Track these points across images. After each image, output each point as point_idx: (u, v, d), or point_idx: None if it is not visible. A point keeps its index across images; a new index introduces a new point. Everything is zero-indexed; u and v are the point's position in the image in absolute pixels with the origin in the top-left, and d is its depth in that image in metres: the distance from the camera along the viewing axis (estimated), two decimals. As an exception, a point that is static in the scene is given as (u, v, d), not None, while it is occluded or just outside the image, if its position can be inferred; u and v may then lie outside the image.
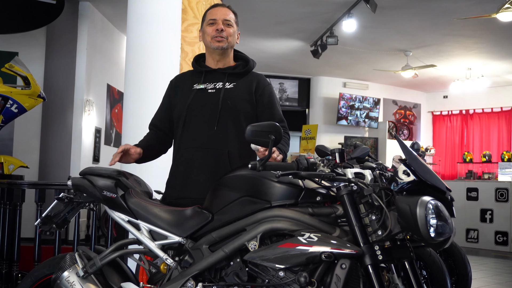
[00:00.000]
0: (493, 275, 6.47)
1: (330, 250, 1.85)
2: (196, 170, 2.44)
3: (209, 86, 2.54)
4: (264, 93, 2.56)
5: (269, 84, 2.63)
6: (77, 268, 2.19)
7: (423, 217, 1.79)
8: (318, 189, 2.04)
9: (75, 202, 2.42)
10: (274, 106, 2.57)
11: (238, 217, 2.06)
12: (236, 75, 2.57)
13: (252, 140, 1.99)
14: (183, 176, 2.47)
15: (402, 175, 1.89)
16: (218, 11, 2.58)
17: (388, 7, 7.36)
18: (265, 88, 2.58)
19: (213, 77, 2.56)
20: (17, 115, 5.46)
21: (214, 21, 2.55)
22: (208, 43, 2.57)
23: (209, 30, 2.56)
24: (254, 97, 2.54)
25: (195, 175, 2.43)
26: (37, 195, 4.12)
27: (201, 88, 2.54)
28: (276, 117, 2.53)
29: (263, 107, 2.55)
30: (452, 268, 3.92)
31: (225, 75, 2.56)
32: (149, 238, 2.20)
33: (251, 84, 2.55)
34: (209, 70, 2.59)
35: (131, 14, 4.30)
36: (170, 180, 2.56)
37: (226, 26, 2.55)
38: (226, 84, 2.53)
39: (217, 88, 2.52)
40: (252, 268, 2.01)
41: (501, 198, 8.68)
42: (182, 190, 2.45)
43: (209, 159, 2.43)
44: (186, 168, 2.47)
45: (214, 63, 2.60)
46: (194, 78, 2.60)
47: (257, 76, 2.61)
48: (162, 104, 2.68)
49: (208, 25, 2.57)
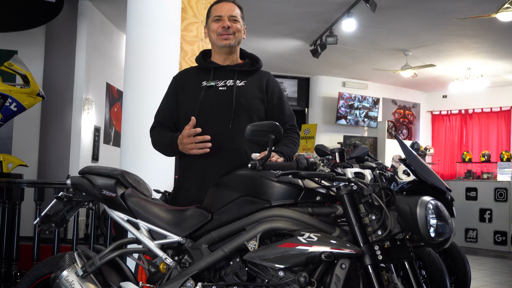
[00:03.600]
0: (492, 275, 6.47)
1: (330, 250, 1.84)
2: (214, 170, 2.32)
3: (220, 84, 2.46)
4: (274, 92, 2.53)
5: (278, 82, 2.61)
6: (76, 267, 2.18)
7: (423, 217, 1.78)
8: (317, 189, 2.03)
9: (74, 201, 2.41)
10: (284, 104, 2.54)
11: (237, 217, 2.05)
12: (245, 72, 2.51)
13: (251, 140, 1.99)
14: (199, 178, 2.37)
15: (402, 175, 1.89)
16: (223, 7, 2.51)
17: (388, 7, 7.35)
18: (275, 87, 2.55)
19: (222, 74, 2.49)
20: (16, 114, 5.45)
21: (220, 18, 2.48)
22: (214, 40, 2.49)
23: (215, 27, 2.48)
24: (265, 95, 2.50)
25: (214, 176, 2.26)
26: (36, 194, 4.12)
27: (211, 85, 2.45)
28: (287, 114, 2.52)
29: (272, 106, 2.51)
30: (451, 268, 3.92)
31: (235, 72, 2.48)
32: (148, 238, 2.19)
33: (261, 82, 2.51)
34: (218, 67, 2.50)
35: (130, 13, 4.29)
36: (183, 182, 2.44)
37: (232, 22, 2.48)
38: (237, 81, 2.46)
39: (228, 85, 2.45)
40: (252, 268, 2.00)
41: (500, 198, 8.68)
42: (199, 193, 2.33)
43: (227, 159, 2.34)
44: (203, 169, 2.37)
45: (221, 60, 2.53)
46: (201, 75, 2.50)
47: (266, 74, 2.56)
48: (166, 100, 2.57)
49: (214, 21, 2.49)
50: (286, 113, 2.54)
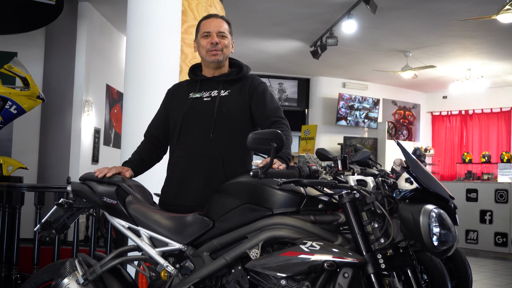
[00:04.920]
0: (493, 277, 6.46)
1: (332, 259, 1.83)
2: (190, 178, 2.43)
3: (205, 95, 2.54)
4: (257, 91, 2.53)
5: (262, 82, 2.60)
6: (77, 275, 2.17)
7: (427, 226, 1.78)
8: (320, 197, 2.02)
9: (75, 207, 2.40)
10: (265, 99, 2.52)
11: (239, 225, 2.04)
12: (230, 81, 2.56)
13: (253, 148, 1.98)
14: (178, 183, 2.46)
15: (405, 183, 1.88)
16: (212, 23, 2.58)
17: (388, 8, 7.35)
18: (257, 86, 2.55)
19: (208, 86, 2.56)
20: (16, 116, 5.43)
21: (209, 34, 2.55)
22: (203, 56, 2.57)
23: (204, 43, 2.56)
24: (248, 101, 2.52)
25: (189, 183, 2.42)
26: (36, 198, 4.10)
27: (197, 97, 2.54)
28: (269, 108, 2.49)
29: (256, 103, 2.52)
30: (452, 271, 3.91)
31: (220, 82, 2.55)
32: (149, 245, 2.19)
33: (244, 87, 2.54)
34: (204, 79, 2.59)
35: (131, 15, 4.28)
36: (164, 187, 2.55)
37: (220, 38, 2.55)
38: (221, 91, 2.52)
39: (212, 96, 2.52)
40: (254, 276, 1.99)
41: (501, 199, 8.67)
42: (176, 198, 2.44)
43: (204, 167, 2.42)
44: (180, 176, 2.46)
45: (210, 73, 2.61)
46: (190, 87, 2.60)
47: (250, 79, 2.58)
48: (159, 112, 2.69)
49: (203, 37, 2.57)
50: (269, 107, 2.51)
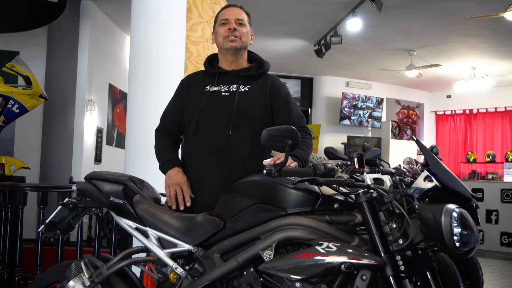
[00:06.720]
0: (500, 277, 6.38)
1: (349, 261, 1.76)
2: (209, 176, 2.35)
3: (223, 89, 2.44)
4: (279, 95, 2.47)
5: (284, 85, 2.54)
6: (83, 277, 2.10)
7: (448, 226, 1.71)
8: (335, 196, 1.95)
9: (80, 207, 2.33)
10: (290, 106, 2.47)
11: (251, 225, 1.98)
12: (250, 77, 2.48)
13: (267, 145, 1.90)
14: (195, 182, 2.38)
15: (425, 182, 1.81)
16: (230, 11, 2.51)
17: (393, 7, 7.27)
18: (280, 90, 2.48)
19: (227, 79, 2.47)
20: (18, 116, 5.38)
21: (227, 21, 2.48)
22: (220, 43, 2.48)
23: (221, 30, 2.48)
24: (269, 101, 2.45)
25: (208, 181, 2.35)
26: (39, 198, 4.03)
27: (215, 91, 2.44)
28: (294, 116, 2.44)
29: (279, 108, 2.45)
30: (463, 273, 3.84)
31: (239, 77, 2.46)
32: (158, 246, 2.12)
33: (265, 87, 2.46)
34: (222, 72, 2.49)
35: (135, 13, 4.22)
36: None
37: (238, 25, 2.47)
38: (241, 87, 2.43)
39: (231, 91, 2.43)
40: (267, 279, 1.93)
41: (507, 199, 8.60)
42: (194, 197, 2.36)
43: (223, 165, 2.34)
44: (198, 174, 2.38)
45: (227, 65, 2.51)
46: (207, 80, 2.50)
47: (272, 78, 2.51)
48: (173, 104, 2.57)
49: (221, 25, 2.50)
50: (293, 115, 2.46)
